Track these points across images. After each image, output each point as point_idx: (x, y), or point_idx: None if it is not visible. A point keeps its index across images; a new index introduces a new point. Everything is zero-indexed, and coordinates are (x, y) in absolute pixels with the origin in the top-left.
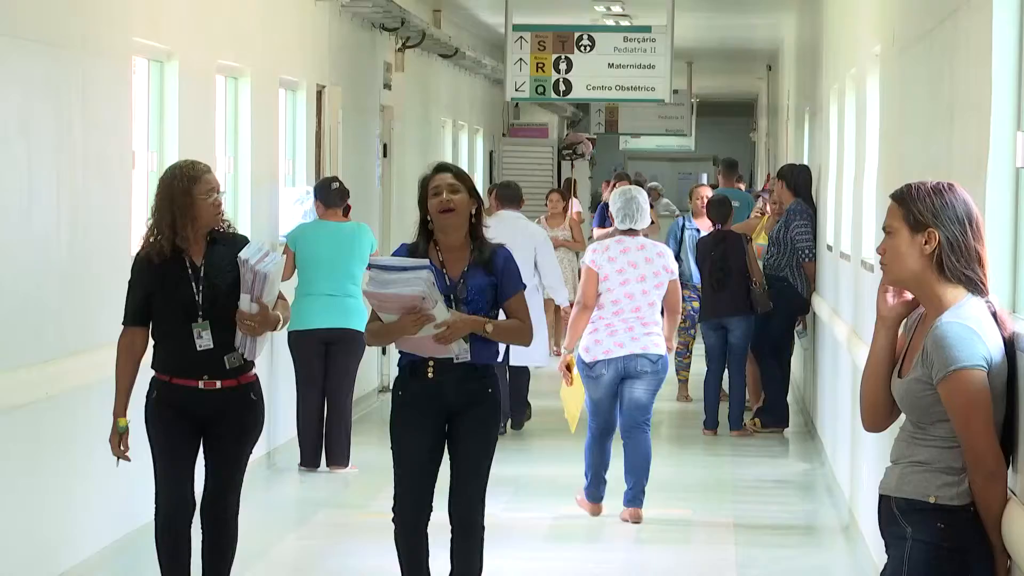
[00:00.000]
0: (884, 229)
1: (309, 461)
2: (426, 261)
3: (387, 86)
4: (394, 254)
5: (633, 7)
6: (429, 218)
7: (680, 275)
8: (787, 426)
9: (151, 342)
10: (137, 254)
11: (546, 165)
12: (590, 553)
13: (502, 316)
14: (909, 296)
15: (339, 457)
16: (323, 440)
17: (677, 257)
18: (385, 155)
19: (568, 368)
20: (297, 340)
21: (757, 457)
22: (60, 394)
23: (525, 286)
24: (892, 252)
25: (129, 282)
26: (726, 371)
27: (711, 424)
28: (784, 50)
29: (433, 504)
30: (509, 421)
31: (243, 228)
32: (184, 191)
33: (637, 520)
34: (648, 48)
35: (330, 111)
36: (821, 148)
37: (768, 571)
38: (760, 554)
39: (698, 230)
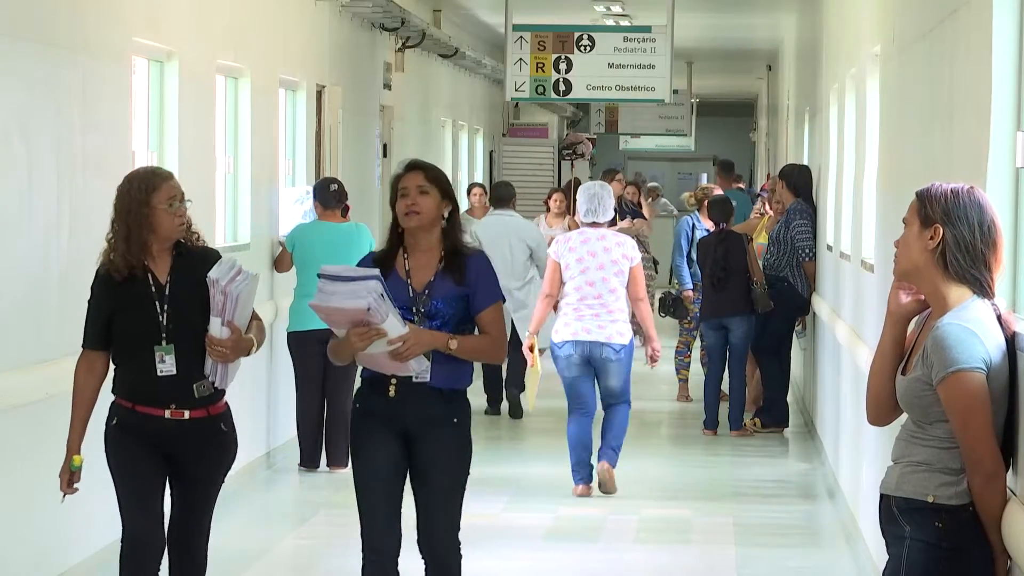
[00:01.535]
0: (903, 221)
1: (309, 461)
2: (375, 271)
3: (387, 86)
4: (361, 262)
5: (633, 7)
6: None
7: (692, 277)
8: (787, 426)
9: (112, 366)
10: (97, 270)
11: (547, 165)
12: (590, 553)
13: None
14: (923, 296)
15: (339, 457)
16: (323, 440)
17: (689, 258)
18: (385, 155)
19: (531, 349)
20: (296, 340)
21: (757, 457)
22: (60, 394)
23: (503, 298)
24: (902, 244)
25: (89, 300)
26: (726, 371)
27: (711, 424)
28: (784, 50)
29: (402, 532)
30: (507, 406)
31: (243, 228)
32: (142, 201)
33: (607, 474)
34: (648, 48)
35: (330, 111)
36: (821, 148)
37: (768, 571)
38: (760, 554)
39: (708, 230)
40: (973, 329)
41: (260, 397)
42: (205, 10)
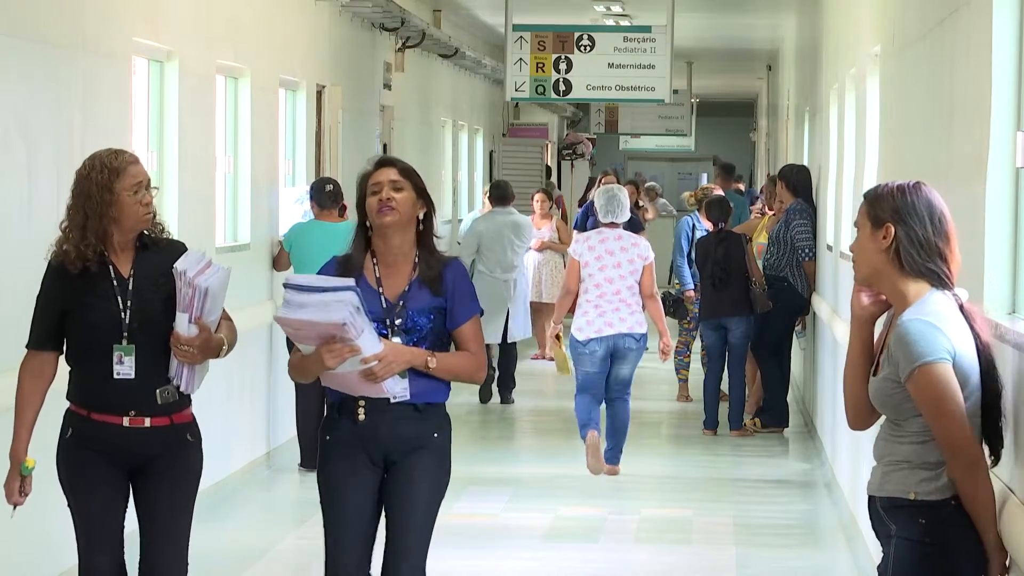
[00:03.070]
0: (854, 225)
1: (309, 461)
2: (351, 281)
3: (387, 86)
4: (323, 268)
5: (633, 7)
6: (369, 224)
7: (693, 277)
8: (787, 426)
9: (65, 368)
10: (49, 262)
11: (535, 165)
12: (590, 553)
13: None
14: (884, 296)
15: None
16: None
17: (689, 258)
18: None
19: (557, 338)
20: None
21: (757, 457)
22: (60, 393)
23: (481, 311)
24: (857, 248)
25: (38, 296)
26: (726, 371)
27: (711, 424)
28: (784, 50)
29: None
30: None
31: (243, 228)
32: (104, 186)
33: (614, 474)
34: (648, 48)
35: (330, 111)
36: (821, 148)
37: (768, 571)
38: (760, 554)
39: (708, 230)
40: (934, 322)
41: (260, 397)
42: (205, 10)
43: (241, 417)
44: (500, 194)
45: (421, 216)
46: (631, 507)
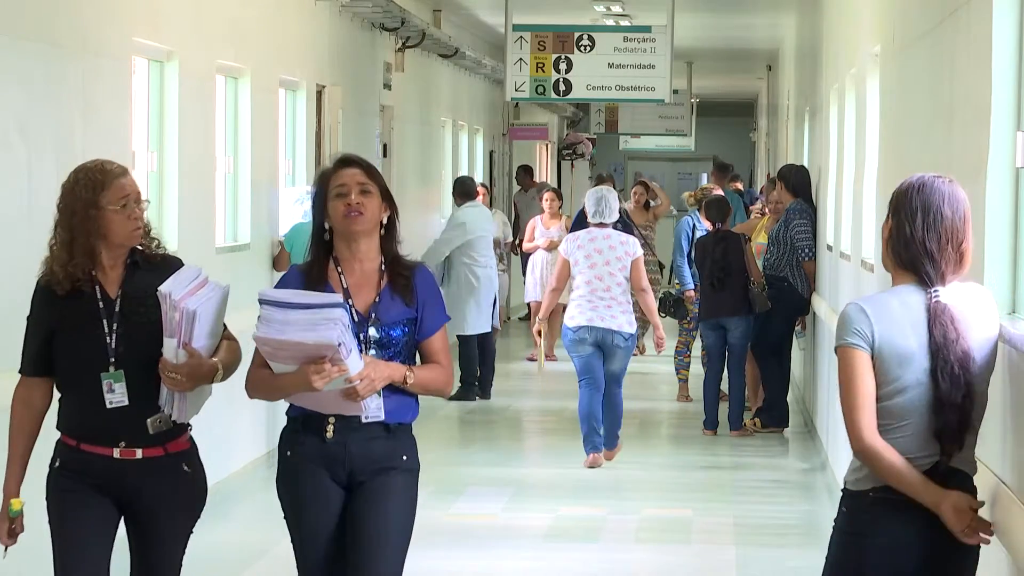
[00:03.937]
0: None
1: None
2: (338, 297)
3: (387, 86)
4: (283, 278)
5: (633, 7)
6: (327, 227)
7: (693, 277)
8: (787, 426)
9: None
10: (37, 282)
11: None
12: (590, 553)
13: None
14: None
15: None
16: None
17: (689, 258)
18: (385, 155)
19: (538, 334)
20: None
21: (757, 457)
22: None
23: (448, 318)
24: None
25: (28, 318)
26: (725, 371)
27: (711, 424)
28: (784, 50)
29: None
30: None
31: (243, 228)
32: (89, 202)
33: (609, 459)
34: (648, 48)
35: (330, 111)
36: (821, 148)
37: (768, 571)
38: (760, 554)
39: (708, 230)
40: (865, 307)
41: None
42: (205, 10)
43: (241, 417)
44: (465, 190)
45: (384, 220)
46: (631, 507)
